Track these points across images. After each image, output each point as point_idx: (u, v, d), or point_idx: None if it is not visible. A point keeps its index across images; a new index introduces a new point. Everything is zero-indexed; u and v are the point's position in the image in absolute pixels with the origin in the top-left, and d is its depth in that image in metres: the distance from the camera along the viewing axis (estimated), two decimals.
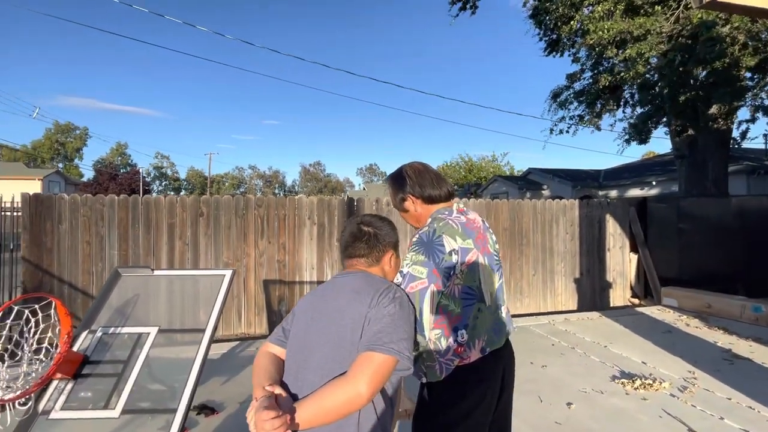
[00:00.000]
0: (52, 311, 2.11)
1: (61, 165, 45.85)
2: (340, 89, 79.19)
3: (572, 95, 10.93)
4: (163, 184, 52.72)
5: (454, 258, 1.28)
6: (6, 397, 1.94)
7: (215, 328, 2.47)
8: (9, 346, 2.04)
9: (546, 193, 18.48)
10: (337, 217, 5.31)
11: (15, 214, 5.02)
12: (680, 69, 7.33)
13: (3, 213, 5.16)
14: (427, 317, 1.23)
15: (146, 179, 41.66)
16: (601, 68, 9.51)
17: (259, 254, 5.03)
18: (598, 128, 10.79)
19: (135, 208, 4.73)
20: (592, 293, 6.34)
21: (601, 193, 16.74)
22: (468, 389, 1.29)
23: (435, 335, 1.25)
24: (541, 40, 11.00)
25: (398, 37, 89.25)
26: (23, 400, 2.04)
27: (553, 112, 11.52)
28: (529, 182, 19.76)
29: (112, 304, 2.64)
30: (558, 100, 11.28)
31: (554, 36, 10.44)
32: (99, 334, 2.45)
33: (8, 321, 1.90)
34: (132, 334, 2.48)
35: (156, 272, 2.85)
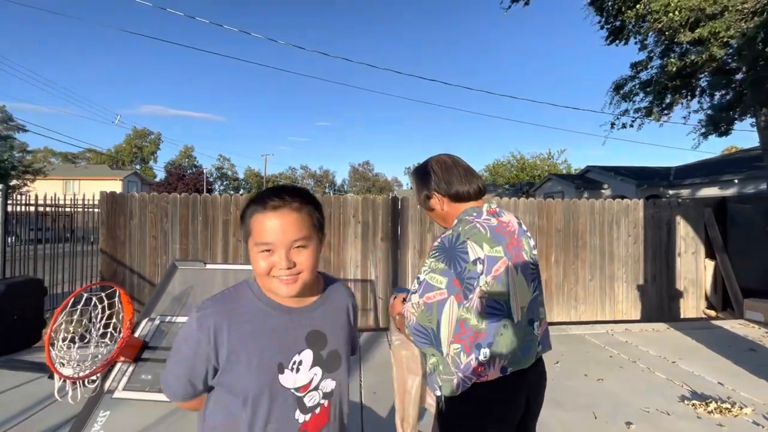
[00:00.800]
0: (116, 299, 2.31)
1: (138, 167, 50.73)
2: (388, 89, 79.63)
3: (638, 86, 10.05)
4: (224, 183, 56.39)
5: (479, 268, 1.14)
6: (77, 375, 2.14)
7: None
8: (79, 330, 2.26)
9: (606, 192, 17.19)
10: (381, 216, 5.31)
11: (95, 210, 5.62)
12: (767, 49, 6.41)
13: (85, 209, 5.79)
14: (445, 331, 1.13)
15: (209, 179, 44.83)
16: (672, 54, 8.63)
17: None
18: (657, 119, 9.80)
19: (194, 206, 5.07)
20: (659, 302, 5.77)
21: (671, 192, 15.24)
22: (485, 409, 1.17)
23: (454, 350, 1.15)
24: (602, 28, 10.22)
25: (447, 36, 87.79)
26: (92, 378, 2.25)
27: (616, 105, 10.67)
28: (587, 181, 18.50)
29: (169, 295, 2.83)
30: (621, 91, 10.43)
31: (617, 23, 9.65)
32: (157, 321, 2.64)
33: (79, 306, 2.10)
34: (185, 323, 2.64)
35: (208, 266, 3.01)
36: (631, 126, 10.46)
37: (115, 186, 35.47)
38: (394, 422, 1.62)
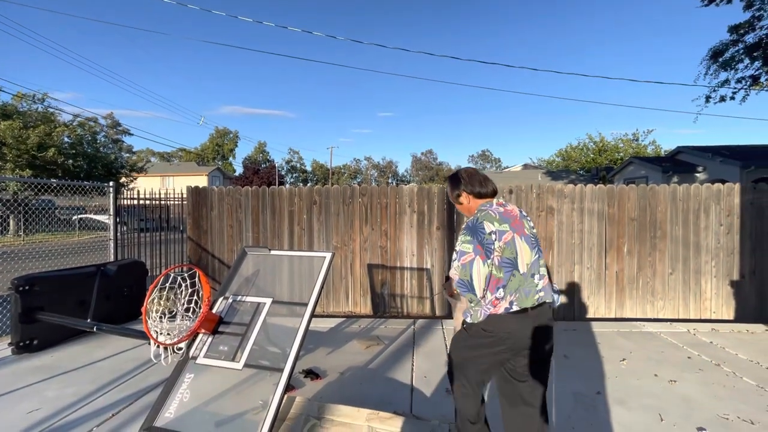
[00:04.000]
0: (197, 279, 2.67)
1: (220, 163, 55.81)
2: (446, 76, 77.21)
3: (742, 51, 8.68)
4: (294, 176, 59.78)
5: (493, 237, 1.72)
6: (167, 342, 2.55)
7: (316, 303, 2.78)
8: (168, 304, 2.66)
9: (702, 176, 15.15)
10: (436, 205, 5.32)
11: (184, 203, 6.40)
12: None
13: (176, 202, 6.63)
14: (477, 281, 1.67)
15: (281, 173, 47.81)
16: None
17: (363, 240, 5.40)
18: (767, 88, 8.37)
19: (264, 198, 5.54)
20: (759, 301, 5.04)
21: None
22: (491, 333, 1.73)
23: (484, 291, 1.69)
24: None
25: (502, 12, 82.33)
26: (179, 346, 2.65)
27: (713, 76, 9.36)
28: (677, 164, 16.44)
29: (240, 277, 3.19)
30: (720, 59, 9.10)
31: None
32: (230, 300, 3.00)
33: (167, 285, 2.49)
34: (253, 302, 2.96)
35: (272, 252, 3.32)
36: (732, 99, 9.14)
37: (202, 181, 39.53)
38: (441, 402, 1.73)
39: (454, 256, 1.73)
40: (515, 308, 1.69)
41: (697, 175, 15.35)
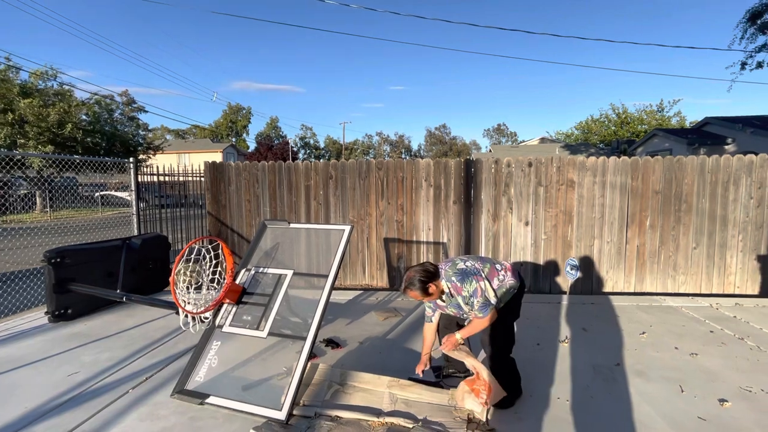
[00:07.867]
0: (220, 251, 2.73)
1: (234, 139, 55.93)
2: (463, 45, 74.16)
3: None
4: (307, 152, 59.61)
5: (473, 261, 2.46)
6: (195, 311, 2.63)
7: (336, 275, 2.81)
8: (194, 275, 2.74)
9: (731, 148, 14.49)
10: (453, 179, 5.25)
11: (201, 179, 6.48)
12: None
13: (194, 178, 6.71)
14: (492, 296, 2.33)
15: (293, 149, 47.71)
16: None
17: (379, 214, 5.40)
18: None
19: (280, 172, 5.56)
20: None
21: None
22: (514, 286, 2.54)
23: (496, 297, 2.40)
24: None
25: None
26: (206, 315, 2.74)
27: (749, 40, 8.77)
28: (704, 136, 15.72)
29: (261, 249, 3.25)
30: (759, 21, 8.50)
31: None
32: (252, 272, 3.06)
33: (192, 256, 2.55)
34: (275, 274, 3.02)
35: (291, 225, 3.36)
36: None
37: (217, 157, 39.68)
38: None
39: (468, 301, 2.26)
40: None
41: (726, 147, 14.68)
